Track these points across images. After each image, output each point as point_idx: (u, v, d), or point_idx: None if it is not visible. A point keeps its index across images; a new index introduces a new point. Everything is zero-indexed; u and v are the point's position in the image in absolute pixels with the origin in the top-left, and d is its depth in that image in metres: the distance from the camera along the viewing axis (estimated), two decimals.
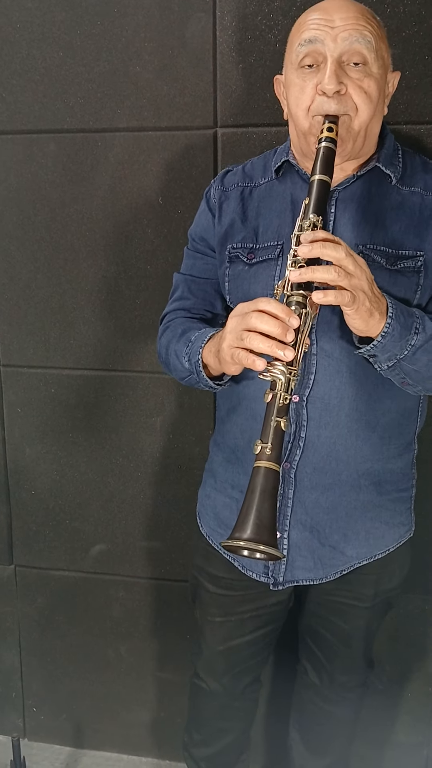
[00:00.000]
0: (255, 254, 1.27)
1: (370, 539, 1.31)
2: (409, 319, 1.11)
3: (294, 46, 1.17)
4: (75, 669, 1.97)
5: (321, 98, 1.13)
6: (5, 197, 1.70)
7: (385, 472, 1.29)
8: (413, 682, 1.80)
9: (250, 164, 1.36)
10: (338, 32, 1.12)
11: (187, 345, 1.25)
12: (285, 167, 1.29)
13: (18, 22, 1.60)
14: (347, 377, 1.21)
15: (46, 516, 1.88)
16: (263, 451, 1.00)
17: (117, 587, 1.89)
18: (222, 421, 1.38)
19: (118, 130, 1.61)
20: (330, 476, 1.26)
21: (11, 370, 1.81)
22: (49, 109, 1.63)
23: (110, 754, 2.00)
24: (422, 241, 1.20)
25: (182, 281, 1.39)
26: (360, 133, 1.17)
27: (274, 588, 1.32)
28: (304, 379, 1.22)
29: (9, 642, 2.00)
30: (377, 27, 1.17)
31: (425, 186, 1.23)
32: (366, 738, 1.83)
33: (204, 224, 1.36)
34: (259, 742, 1.88)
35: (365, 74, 1.14)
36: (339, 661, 1.44)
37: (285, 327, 1.01)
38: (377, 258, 1.19)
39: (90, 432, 1.80)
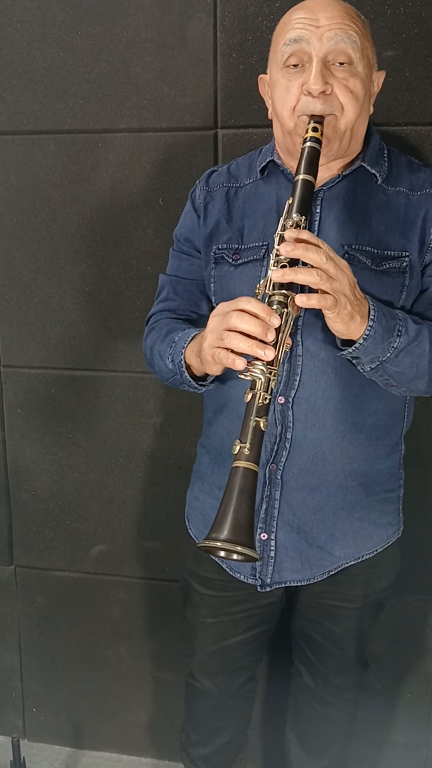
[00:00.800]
0: (240, 255, 1.26)
1: (358, 539, 1.31)
2: (392, 321, 1.11)
3: (279, 45, 1.16)
4: (75, 669, 1.97)
5: (306, 98, 1.13)
6: (6, 198, 1.70)
7: (372, 473, 1.29)
8: (412, 682, 1.80)
9: (236, 164, 1.36)
10: (323, 31, 1.12)
11: (171, 346, 1.24)
12: (270, 167, 1.28)
13: (18, 23, 1.60)
14: (333, 378, 1.21)
15: (46, 516, 1.88)
16: (241, 451, 0.99)
17: (117, 588, 1.89)
18: (209, 422, 1.38)
19: (118, 131, 1.61)
20: (317, 477, 1.25)
21: (11, 371, 1.81)
22: (49, 109, 1.63)
23: (110, 754, 2.00)
24: (408, 242, 1.20)
25: (167, 282, 1.38)
26: (346, 133, 1.16)
27: (262, 590, 1.32)
28: (289, 381, 1.21)
29: (9, 642, 2.00)
30: (362, 26, 1.16)
31: (411, 186, 1.23)
32: (365, 738, 1.83)
33: (189, 225, 1.36)
34: (257, 744, 1.88)
35: (351, 74, 1.13)
36: (332, 663, 1.43)
37: (266, 326, 1.00)
38: (362, 258, 1.19)
39: (90, 433, 1.80)
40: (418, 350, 1.13)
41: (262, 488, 1.26)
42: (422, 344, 1.13)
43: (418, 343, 1.13)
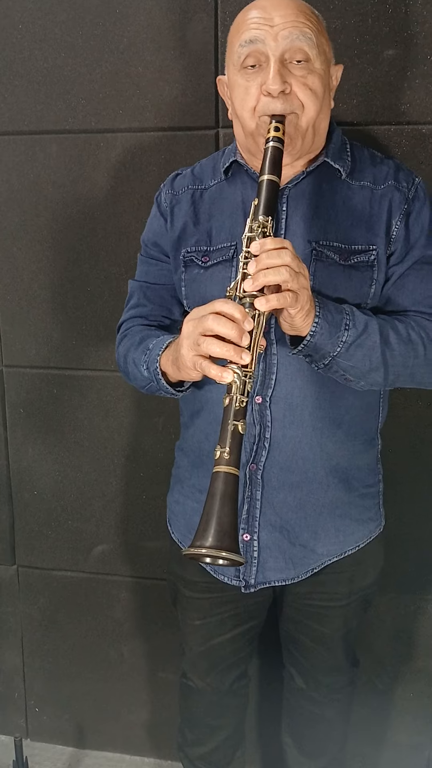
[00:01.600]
0: (209, 257, 1.26)
1: (340, 536, 1.31)
2: (338, 316, 1.11)
3: (234, 46, 1.16)
4: (77, 669, 1.97)
5: (266, 99, 1.13)
6: (7, 198, 1.71)
7: (351, 469, 1.29)
8: (415, 682, 1.80)
9: (199, 166, 1.36)
10: (278, 30, 1.12)
11: (145, 353, 1.24)
12: (234, 168, 1.28)
13: (20, 23, 1.60)
14: (309, 376, 1.22)
15: (49, 516, 1.88)
16: (221, 455, 0.99)
17: (119, 588, 1.89)
18: (185, 426, 1.37)
19: (120, 131, 1.61)
20: (297, 475, 1.26)
21: (13, 371, 1.81)
22: (51, 109, 1.63)
23: (112, 754, 2.00)
24: (374, 235, 1.21)
25: (137, 288, 1.37)
26: (308, 131, 1.17)
27: (246, 591, 1.32)
28: (266, 380, 1.22)
29: (11, 642, 2.00)
30: (316, 22, 1.16)
31: (374, 180, 1.23)
32: (367, 738, 1.83)
33: (156, 229, 1.35)
34: (255, 747, 1.88)
35: (309, 71, 1.14)
36: (322, 664, 1.43)
37: (241, 330, 1.01)
38: (330, 254, 1.20)
39: (92, 433, 1.80)
40: (369, 342, 1.13)
41: (243, 489, 1.26)
42: (372, 336, 1.13)
43: (368, 335, 1.13)
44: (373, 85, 1.49)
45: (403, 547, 1.71)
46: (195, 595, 1.40)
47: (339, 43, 1.48)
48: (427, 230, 1.23)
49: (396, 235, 1.21)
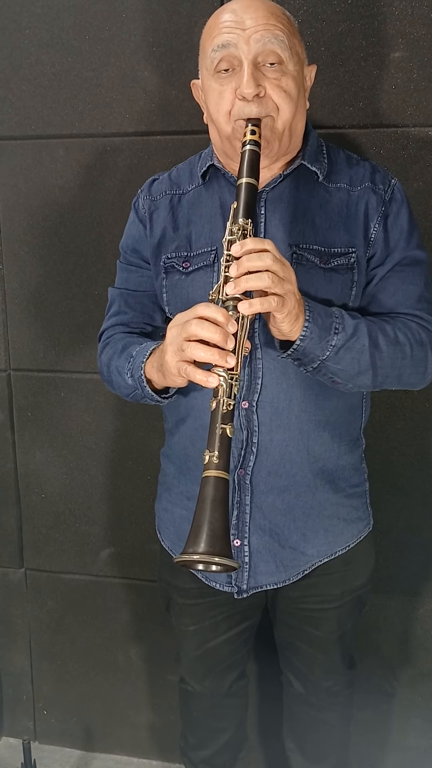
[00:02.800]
0: (190, 262, 1.26)
1: (329, 536, 1.31)
2: (328, 320, 1.11)
3: (207, 51, 1.15)
4: (85, 672, 1.98)
5: (241, 102, 1.13)
6: (15, 202, 1.71)
7: (337, 470, 1.29)
8: (423, 685, 1.79)
9: (176, 171, 1.35)
10: (250, 34, 1.11)
11: (129, 361, 1.22)
12: (211, 172, 1.28)
13: (27, 28, 1.61)
14: (294, 379, 1.22)
15: (56, 519, 1.89)
16: (210, 460, 0.98)
17: (127, 590, 1.89)
18: (170, 433, 1.37)
19: (126, 135, 1.62)
20: (285, 478, 1.25)
21: (21, 374, 1.82)
22: (57, 114, 1.64)
23: (120, 757, 2.00)
24: (353, 237, 1.21)
25: (118, 296, 1.36)
26: (285, 133, 1.17)
27: (239, 596, 1.31)
28: (251, 385, 1.22)
29: (19, 645, 2.01)
30: (288, 23, 1.16)
31: (350, 181, 1.23)
32: (376, 742, 1.83)
33: (135, 235, 1.33)
34: (259, 754, 1.87)
35: (282, 73, 1.13)
36: (319, 668, 1.42)
37: (225, 333, 1.00)
38: (310, 257, 1.20)
39: (99, 436, 1.81)
40: (358, 346, 1.13)
41: (232, 494, 1.26)
42: (361, 339, 1.13)
43: (357, 338, 1.13)
44: (379, 88, 1.49)
45: (411, 549, 1.70)
46: (188, 601, 1.40)
47: (345, 46, 1.48)
48: (407, 232, 1.23)
49: (375, 238, 1.21)
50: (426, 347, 1.20)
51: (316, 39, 1.49)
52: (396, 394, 1.62)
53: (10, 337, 1.80)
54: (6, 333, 1.80)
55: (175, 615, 1.45)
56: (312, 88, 1.50)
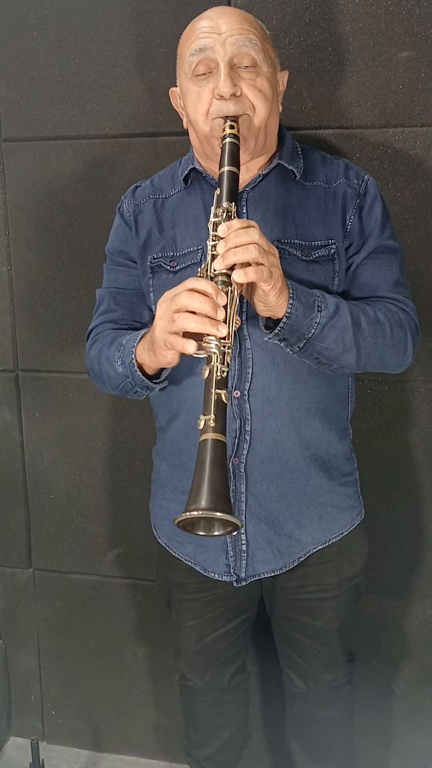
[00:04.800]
0: (177, 261, 1.29)
1: (323, 524, 1.34)
2: (310, 298, 1.15)
3: (185, 56, 1.21)
4: (93, 672, 1.98)
5: (218, 102, 1.18)
6: (23, 203, 1.72)
7: (329, 457, 1.33)
8: (431, 687, 1.79)
9: (158, 177, 1.39)
10: (226, 37, 1.18)
11: (119, 349, 1.24)
12: (192, 176, 1.32)
13: (35, 30, 1.61)
14: (283, 367, 1.25)
15: (64, 520, 1.89)
16: (207, 424, 0.99)
17: (135, 591, 1.89)
18: (162, 430, 1.38)
19: (134, 136, 1.62)
20: (278, 465, 1.28)
21: (29, 375, 1.82)
22: (65, 115, 1.64)
23: (128, 757, 2.00)
24: (332, 230, 1.26)
25: (107, 294, 1.38)
26: (261, 130, 1.22)
27: (238, 584, 1.33)
28: (242, 374, 1.25)
29: (28, 645, 2.01)
30: (261, 29, 1.23)
31: (326, 179, 1.30)
32: (384, 743, 1.82)
33: (122, 238, 1.37)
34: (264, 755, 1.87)
35: (257, 74, 1.20)
36: (319, 661, 1.44)
37: (215, 304, 1.02)
38: (293, 251, 1.25)
39: (107, 436, 1.81)
40: (341, 323, 1.17)
41: None
42: (344, 317, 1.17)
43: (340, 316, 1.17)
44: (387, 88, 1.49)
45: (419, 551, 1.70)
46: (186, 597, 1.42)
47: (352, 46, 1.48)
48: (380, 223, 1.29)
49: (351, 228, 1.27)
50: (405, 328, 1.25)
51: (323, 39, 1.49)
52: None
53: (18, 338, 1.81)
54: (14, 334, 1.81)
55: (175, 611, 1.47)
56: (320, 88, 1.51)
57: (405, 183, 1.53)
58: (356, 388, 1.47)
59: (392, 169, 1.52)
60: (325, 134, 1.54)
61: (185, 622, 1.45)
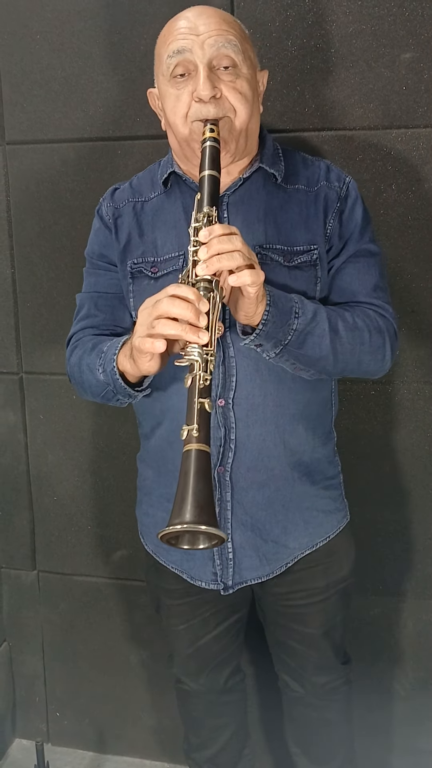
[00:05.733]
0: (158, 267, 1.27)
1: (310, 528, 1.33)
2: (288, 304, 1.13)
3: (163, 58, 1.19)
4: (98, 674, 1.98)
5: (198, 104, 1.16)
6: (26, 206, 1.72)
7: (313, 462, 1.32)
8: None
9: (137, 179, 1.37)
10: (204, 39, 1.15)
11: (100, 356, 1.22)
12: (172, 179, 1.30)
13: (38, 33, 1.62)
14: (267, 375, 1.24)
15: (69, 522, 1.89)
16: (191, 434, 0.97)
17: (139, 592, 1.89)
18: (146, 437, 1.38)
19: (137, 138, 1.62)
20: (264, 473, 1.28)
21: (33, 377, 1.83)
22: (68, 118, 1.65)
23: (133, 759, 2.00)
24: (314, 235, 1.25)
25: (87, 299, 1.36)
26: (242, 133, 1.20)
27: (225, 593, 1.33)
28: (226, 383, 1.24)
29: (32, 647, 2.01)
30: (240, 29, 1.20)
31: (307, 182, 1.28)
32: (388, 745, 1.82)
33: (102, 241, 1.34)
34: (265, 761, 1.87)
35: (236, 75, 1.17)
36: (312, 665, 1.43)
37: (197, 311, 1.00)
38: (275, 257, 1.23)
39: (111, 438, 1.81)
40: (318, 330, 1.16)
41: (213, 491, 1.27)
42: (321, 324, 1.16)
43: (317, 323, 1.16)
44: (389, 89, 1.49)
45: (425, 552, 1.70)
46: (175, 602, 1.42)
47: (355, 47, 1.48)
48: (360, 226, 1.28)
49: (331, 232, 1.26)
50: (384, 334, 1.24)
51: (326, 41, 1.49)
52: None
53: (22, 340, 1.81)
54: (18, 336, 1.81)
55: (165, 616, 1.47)
56: (323, 90, 1.51)
57: (408, 184, 1.52)
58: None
59: (395, 171, 1.52)
60: (327, 136, 1.54)
61: (176, 626, 1.44)
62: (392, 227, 1.55)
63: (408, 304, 1.58)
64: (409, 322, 1.59)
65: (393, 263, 1.56)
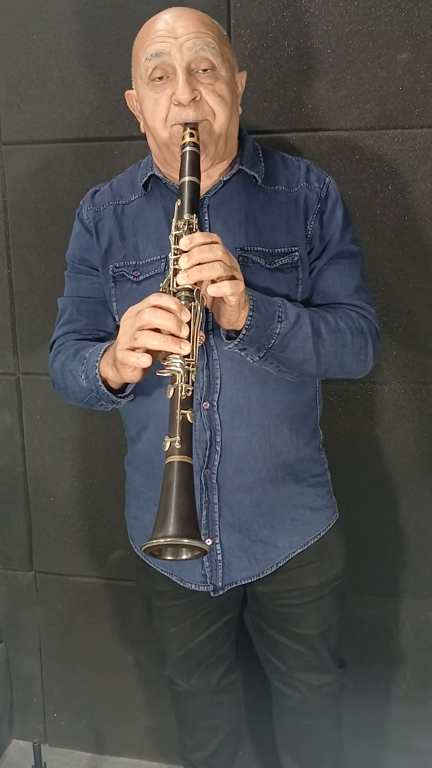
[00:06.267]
0: (141, 271, 1.27)
1: (298, 526, 1.33)
2: (271, 308, 1.13)
3: (141, 60, 1.18)
4: (95, 675, 1.98)
5: (177, 108, 1.15)
6: (23, 207, 1.72)
7: (296, 461, 1.32)
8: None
9: (117, 181, 1.36)
10: (182, 42, 1.14)
11: (83, 363, 1.22)
12: (152, 182, 1.29)
13: (34, 34, 1.61)
14: (251, 377, 1.24)
15: (66, 522, 1.89)
16: (173, 446, 0.97)
17: (136, 593, 1.88)
18: (133, 441, 1.37)
19: (134, 139, 1.62)
20: (250, 475, 1.28)
21: (30, 378, 1.83)
22: (65, 118, 1.65)
23: (130, 759, 2.00)
24: (294, 237, 1.24)
25: (69, 303, 1.35)
26: (221, 136, 1.19)
27: (215, 594, 1.32)
28: (211, 385, 1.24)
29: (29, 648, 2.01)
30: (218, 31, 1.20)
31: (288, 183, 1.27)
32: (387, 745, 1.82)
33: (83, 245, 1.34)
34: (260, 757, 1.86)
35: (215, 78, 1.17)
36: (307, 666, 1.42)
37: (179, 321, 1.00)
38: (256, 259, 1.23)
39: (108, 438, 1.81)
40: (301, 334, 1.16)
41: (200, 494, 1.27)
42: (304, 328, 1.16)
43: (300, 327, 1.16)
44: (386, 90, 1.49)
45: (421, 551, 1.70)
46: (166, 604, 1.42)
47: (352, 48, 1.48)
48: (341, 227, 1.27)
49: (312, 233, 1.26)
50: (366, 335, 1.24)
51: (322, 41, 1.49)
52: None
53: (19, 341, 1.81)
54: (14, 337, 1.81)
55: (156, 618, 1.46)
56: (319, 90, 1.52)
57: (404, 185, 1.53)
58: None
59: (392, 171, 1.52)
60: (324, 136, 1.54)
61: (167, 628, 1.44)
62: (389, 227, 1.55)
63: (404, 304, 1.58)
64: (406, 323, 1.59)
65: (389, 263, 1.57)
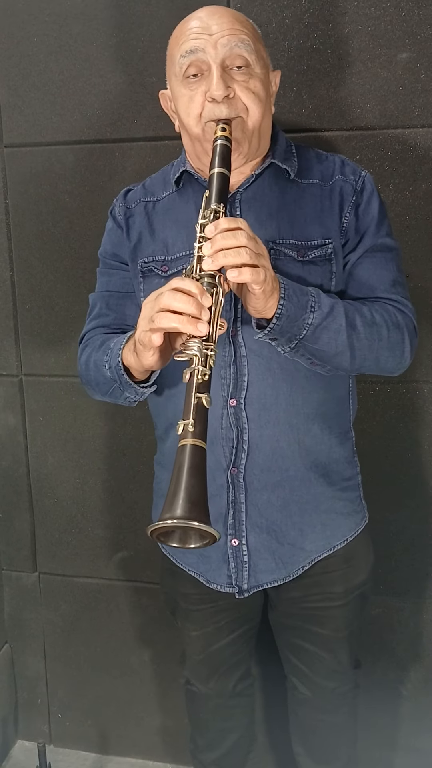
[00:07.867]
0: (169, 266, 1.27)
1: (327, 531, 1.31)
2: (304, 298, 1.12)
3: (176, 58, 1.18)
4: (99, 675, 1.98)
5: (211, 105, 1.15)
6: (25, 209, 1.72)
7: (330, 462, 1.30)
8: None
9: (150, 181, 1.37)
10: (217, 39, 1.15)
11: (107, 353, 1.22)
12: (184, 178, 1.30)
13: (35, 36, 1.62)
14: (279, 374, 1.22)
15: (69, 523, 1.89)
16: (186, 428, 0.95)
17: (140, 594, 1.89)
18: (161, 439, 1.37)
19: (135, 140, 1.62)
20: (278, 474, 1.26)
21: (33, 379, 1.83)
22: (66, 120, 1.65)
23: (135, 760, 2.00)
24: (328, 230, 1.24)
25: (99, 298, 1.36)
26: (254, 133, 1.20)
27: (240, 596, 1.31)
28: (238, 382, 1.23)
29: (34, 649, 2.02)
30: (252, 29, 1.20)
31: (322, 177, 1.27)
32: (391, 744, 1.82)
33: (115, 240, 1.35)
34: (267, 759, 1.87)
35: (249, 75, 1.17)
36: (324, 668, 1.41)
37: (199, 305, 0.99)
38: (288, 252, 1.22)
39: (111, 440, 1.81)
40: (335, 325, 1.14)
41: (227, 494, 1.26)
42: (338, 319, 1.14)
43: (334, 318, 1.14)
44: (386, 89, 1.49)
45: (426, 551, 1.70)
46: (191, 607, 1.41)
47: (352, 48, 1.48)
48: (377, 220, 1.26)
49: (347, 226, 1.24)
50: (402, 330, 1.22)
51: (322, 41, 1.49)
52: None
53: (22, 343, 1.81)
54: (17, 338, 1.81)
55: (181, 619, 1.46)
56: (320, 90, 1.52)
57: (405, 184, 1.53)
58: (359, 389, 1.46)
59: (393, 171, 1.52)
60: (325, 136, 1.54)
61: (189, 632, 1.44)
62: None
63: None
64: None
65: None
